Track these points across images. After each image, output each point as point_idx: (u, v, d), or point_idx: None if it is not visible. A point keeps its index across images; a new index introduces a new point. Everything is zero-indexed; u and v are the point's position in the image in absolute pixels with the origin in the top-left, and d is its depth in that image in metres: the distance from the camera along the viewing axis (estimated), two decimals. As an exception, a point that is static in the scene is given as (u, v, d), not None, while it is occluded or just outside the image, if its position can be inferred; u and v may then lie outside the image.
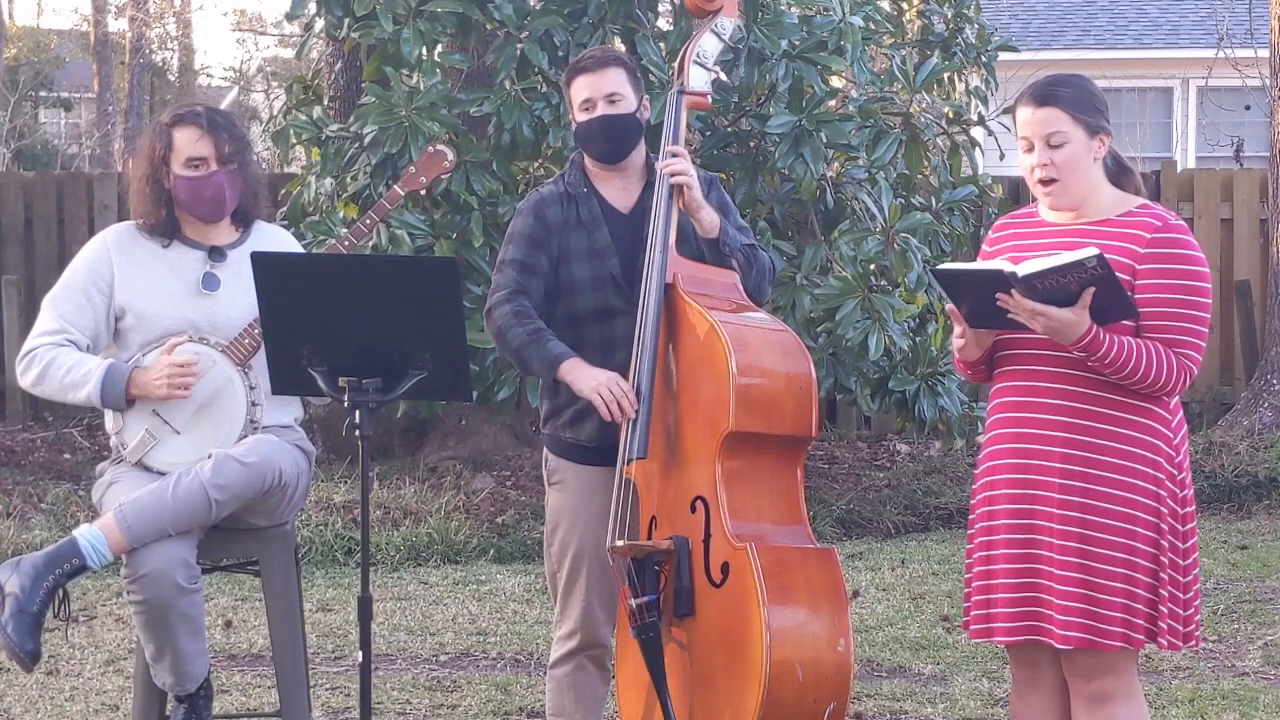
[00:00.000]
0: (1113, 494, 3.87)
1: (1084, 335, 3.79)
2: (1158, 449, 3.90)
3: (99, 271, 4.66)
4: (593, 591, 4.56)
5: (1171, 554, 3.90)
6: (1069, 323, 3.78)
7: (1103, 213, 3.94)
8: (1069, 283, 3.76)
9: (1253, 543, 8.70)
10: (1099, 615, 3.86)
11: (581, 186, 4.59)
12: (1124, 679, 3.96)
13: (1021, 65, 13.64)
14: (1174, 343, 3.85)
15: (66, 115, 29.94)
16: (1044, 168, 3.90)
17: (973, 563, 4.05)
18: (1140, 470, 3.88)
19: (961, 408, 8.66)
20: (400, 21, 8.00)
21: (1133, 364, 3.81)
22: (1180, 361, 3.85)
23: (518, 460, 10.03)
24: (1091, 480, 3.87)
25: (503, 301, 4.52)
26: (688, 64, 4.64)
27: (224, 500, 4.41)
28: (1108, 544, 3.86)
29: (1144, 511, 3.88)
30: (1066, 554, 3.88)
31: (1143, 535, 3.87)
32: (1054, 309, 3.77)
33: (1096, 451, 3.88)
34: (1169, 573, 3.89)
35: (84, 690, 6.00)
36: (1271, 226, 11.19)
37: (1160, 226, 3.88)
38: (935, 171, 9.00)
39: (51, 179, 12.40)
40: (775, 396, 4.32)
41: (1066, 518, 3.88)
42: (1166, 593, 3.89)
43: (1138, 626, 3.88)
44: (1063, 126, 3.88)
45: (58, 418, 11.17)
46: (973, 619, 4.05)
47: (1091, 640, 3.87)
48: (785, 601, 4.14)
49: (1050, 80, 3.96)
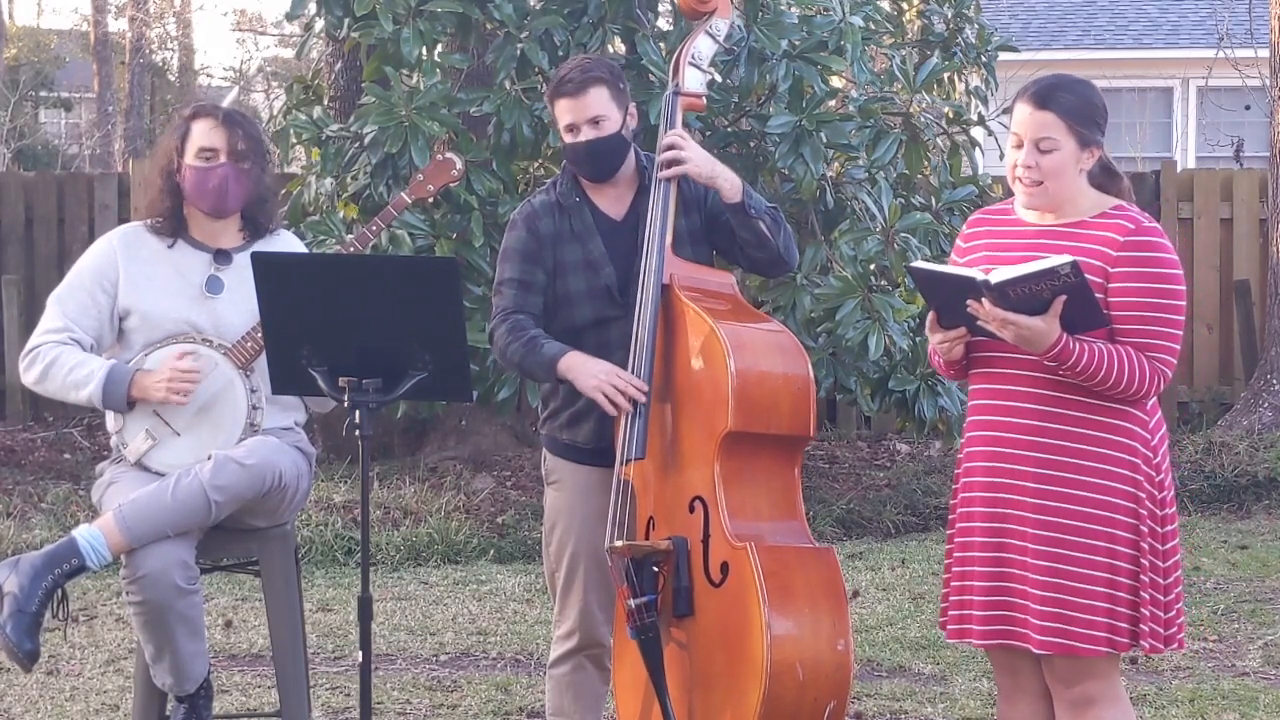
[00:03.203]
0: (1090, 497, 3.84)
1: (1054, 344, 3.76)
2: (1134, 450, 3.87)
3: (104, 271, 4.66)
4: (591, 591, 4.56)
5: (1152, 556, 3.87)
6: (1039, 331, 3.76)
7: (1080, 214, 3.91)
8: (1041, 290, 3.73)
9: (1253, 543, 8.70)
10: (1078, 620, 3.84)
11: (573, 196, 4.58)
12: (1106, 683, 3.94)
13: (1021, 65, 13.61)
14: (1146, 346, 3.83)
15: (66, 115, 29.96)
16: (1029, 169, 3.88)
17: (951, 563, 4.05)
18: (1117, 473, 3.85)
19: (961, 408, 8.65)
20: (400, 21, 7.99)
21: (1104, 371, 3.79)
22: (1153, 366, 3.82)
23: (518, 460, 10.03)
24: (1067, 484, 3.85)
25: (499, 324, 4.53)
26: (683, 65, 4.64)
27: (223, 501, 4.41)
28: (1086, 548, 3.84)
29: (1123, 514, 3.85)
30: (1041, 558, 3.86)
31: (1122, 538, 3.85)
32: (1024, 318, 3.75)
33: (1072, 455, 3.85)
34: (1150, 575, 3.87)
35: (84, 690, 6.00)
36: (1271, 226, 11.19)
37: (1133, 229, 3.85)
38: (935, 171, 8.99)
39: (51, 179, 12.40)
40: (773, 396, 4.32)
41: (1041, 522, 3.86)
42: (1148, 595, 3.86)
43: (1120, 630, 3.87)
44: (1056, 134, 3.86)
45: (58, 418, 11.17)
46: (950, 619, 4.06)
47: (1070, 645, 3.86)
48: (785, 601, 4.14)
49: (1055, 83, 3.91)
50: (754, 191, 4.55)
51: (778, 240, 4.50)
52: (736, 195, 4.46)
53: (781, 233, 4.52)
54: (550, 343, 4.46)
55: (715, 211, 4.56)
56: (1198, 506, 9.54)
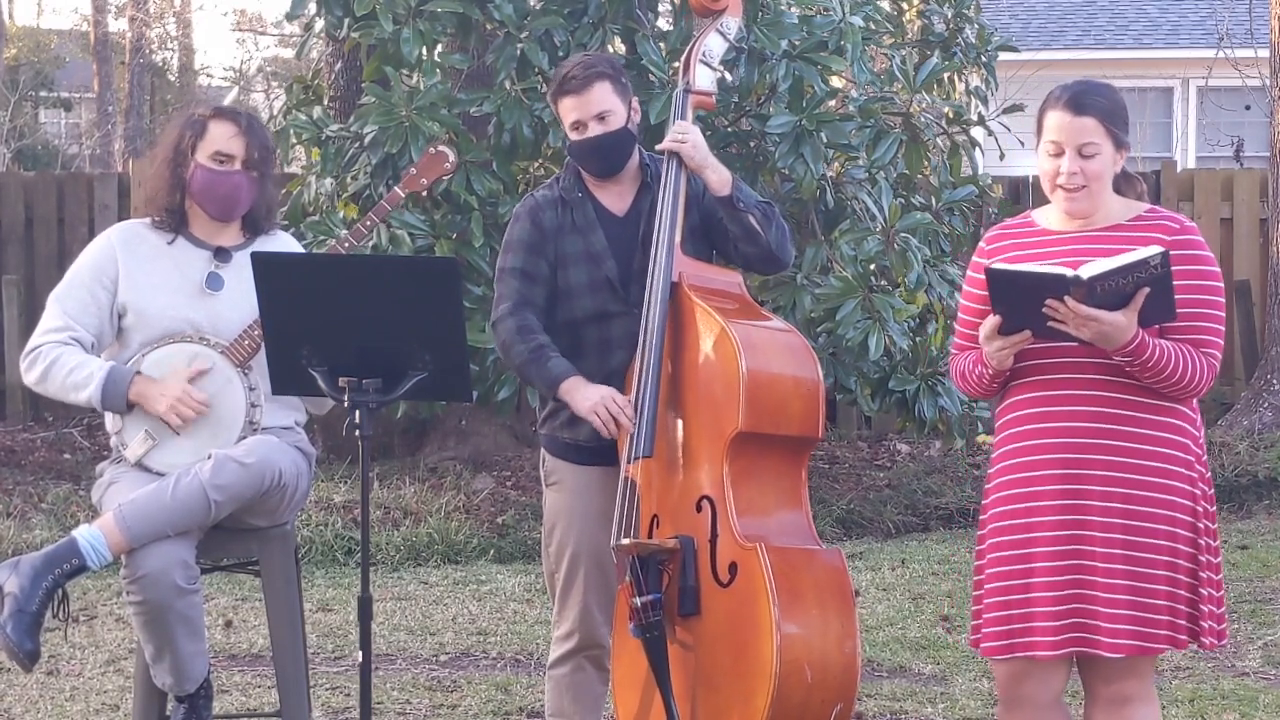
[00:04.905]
0: (1154, 497, 3.86)
1: (1131, 340, 3.76)
2: (1188, 448, 3.90)
3: (104, 269, 4.66)
4: (590, 592, 4.56)
5: (1208, 553, 3.91)
6: (1120, 327, 3.74)
7: (1111, 219, 3.93)
8: (1126, 284, 3.71)
9: (1253, 543, 8.70)
10: (1147, 620, 3.85)
11: (576, 191, 4.58)
12: (1144, 681, 3.97)
13: (1021, 65, 13.68)
14: (1199, 343, 3.86)
15: (66, 115, 29.94)
16: (1073, 175, 3.87)
17: (994, 575, 3.95)
18: (1176, 471, 3.88)
19: (961, 408, 8.65)
20: (400, 21, 7.99)
21: (1171, 366, 3.80)
22: (1206, 361, 3.86)
23: (518, 460, 10.03)
24: (1133, 485, 3.85)
25: (506, 315, 4.52)
26: (694, 63, 4.64)
27: (223, 501, 4.41)
28: (1153, 548, 3.85)
29: (1182, 512, 3.88)
30: (1112, 561, 3.85)
31: (1183, 536, 3.88)
32: (1106, 313, 3.73)
33: (1135, 455, 3.86)
34: (1207, 572, 3.90)
35: (84, 690, 5.99)
36: (1271, 226, 11.19)
37: (1178, 229, 3.90)
38: (935, 171, 8.99)
39: (51, 179, 12.41)
40: (784, 397, 4.32)
41: (1110, 525, 3.85)
42: (1206, 592, 3.89)
43: (1181, 627, 3.88)
44: (1097, 138, 3.86)
45: (58, 418, 11.17)
46: (990, 635, 3.95)
47: (1142, 646, 3.86)
48: (795, 602, 4.14)
49: (1086, 88, 3.91)
50: (746, 187, 4.55)
51: (769, 235, 4.49)
52: (725, 189, 4.46)
53: (774, 228, 4.50)
54: (556, 359, 4.46)
55: (712, 207, 4.56)
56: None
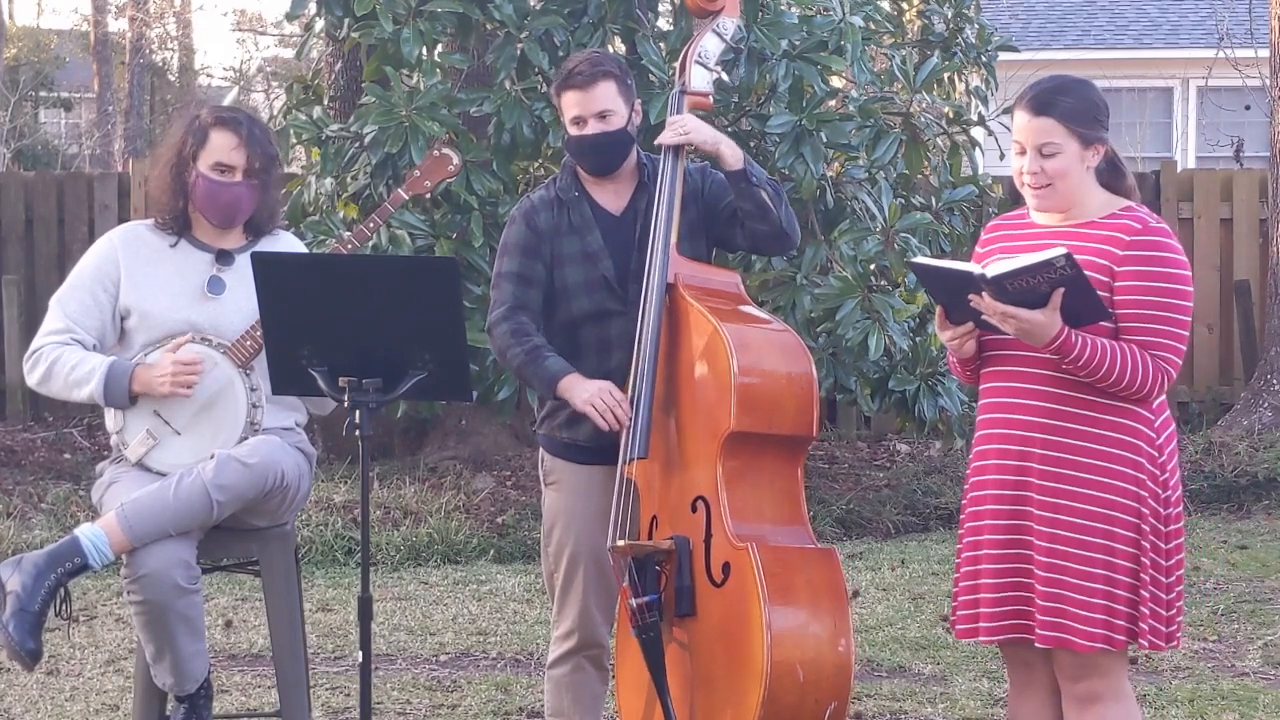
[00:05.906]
0: (1092, 495, 3.87)
1: (1055, 337, 3.79)
2: (1139, 449, 3.89)
3: (106, 271, 4.66)
4: (590, 592, 4.56)
5: (1153, 554, 3.89)
6: (1039, 324, 3.78)
7: (1088, 214, 3.95)
8: (1039, 283, 3.75)
9: (1252, 543, 8.70)
10: (1074, 615, 3.87)
11: (573, 191, 4.59)
12: (1111, 680, 3.97)
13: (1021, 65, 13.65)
14: (1151, 345, 3.84)
15: (66, 115, 29.93)
16: (1034, 175, 3.92)
17: (960, 562, 4.08)
18: (1120, 471, 3.87)
19: (961, 408, 8.66)
20: (400, 21, 8.00)
21: (1105, 367, 3.81)
22: (1156, 364, 3.84)
23: (518, 460, 10.03)
24: (1072, 482, 3.88)
25: (500, 320, 4.53)
26: (690, 64, 4.64)
27: (225, 501, 4.42)
28: (1086, 545, 3.87)
29: (1124, 512, 3.87)
30: (1045, 554, 3.89)
31: (1122, 536, 3.87)
32: (1024, 311, 3.78)
33: (1077, 453, 3.88)
34: (1151, 574, 3.89)
35: (84, 690, 6.00)
36: (1271, 226, 11.19)
37: (1140, 229, 3.88)
38: (935, 171, 9.00)
39: (51, 179, 12.40)
40: (777, 397, 4.32)
41: (1048, 519, 3.89)
42: (1148, 594, 3.89)
43: (1118, 628, 3.89)
44: (1056, 139, 3.89)
45: (58, 417, 11.17)
46: (959, 618, 4.08)
47: (1066, 640, 3.89)
48: (786, 601, 4.14)
49: (1051, 87, 3.94)
50: (756, 164, 4.55)
51: (780, 212, 4.49)
52: (738, 163, 4.46)
53: (783, 206, 4.52)
54: (553, 358, 4.47)
55: (714, 199, 4.56)
56: (1198, 506, 9.54)
